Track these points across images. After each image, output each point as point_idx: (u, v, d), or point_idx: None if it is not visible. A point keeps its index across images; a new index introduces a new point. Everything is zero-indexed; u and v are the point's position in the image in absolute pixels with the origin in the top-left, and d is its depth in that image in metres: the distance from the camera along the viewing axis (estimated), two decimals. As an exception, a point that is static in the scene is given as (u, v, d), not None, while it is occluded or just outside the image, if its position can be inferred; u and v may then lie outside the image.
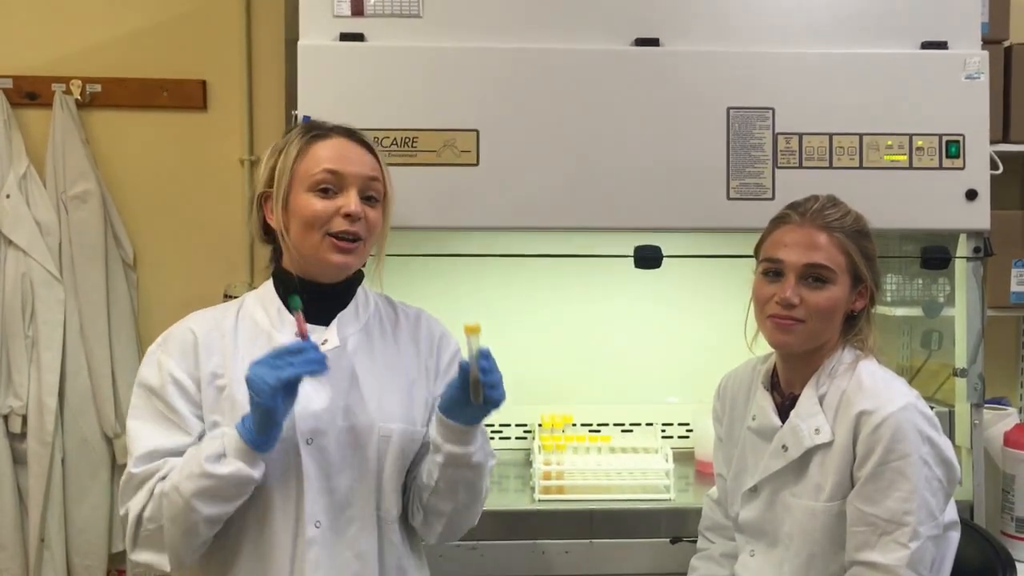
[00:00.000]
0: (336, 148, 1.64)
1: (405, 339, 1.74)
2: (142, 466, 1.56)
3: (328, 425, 1.60)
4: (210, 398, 1.60)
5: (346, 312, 1.69)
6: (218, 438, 1.53)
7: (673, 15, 2.26)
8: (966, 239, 2.30)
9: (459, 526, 1.71)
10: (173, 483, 1.52)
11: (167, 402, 1.59)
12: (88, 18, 2.95)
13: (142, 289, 3.02)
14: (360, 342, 1.68)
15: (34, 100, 2.92)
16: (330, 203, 1.60)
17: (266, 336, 1.64)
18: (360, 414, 1.62)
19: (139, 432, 1.59)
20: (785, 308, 1.70)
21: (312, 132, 1.66)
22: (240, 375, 1.54)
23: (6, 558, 2.84)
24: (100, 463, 2.91)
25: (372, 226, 1.64)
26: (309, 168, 1.62)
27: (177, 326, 1.68)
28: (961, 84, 2.26)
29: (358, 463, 1.62)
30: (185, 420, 1.59)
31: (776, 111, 2.24)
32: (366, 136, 1.70)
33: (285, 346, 1.50)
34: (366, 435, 1.62)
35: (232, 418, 1.55)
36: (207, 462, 1.49)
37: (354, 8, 2.22)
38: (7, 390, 2.84)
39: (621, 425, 2.74)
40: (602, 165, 2.22)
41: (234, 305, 1.72)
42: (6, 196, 2.83)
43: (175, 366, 1.61)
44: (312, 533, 1.58)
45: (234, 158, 3.01)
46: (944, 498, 1.66)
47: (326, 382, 1.60)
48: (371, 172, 1.65)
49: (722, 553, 1.94)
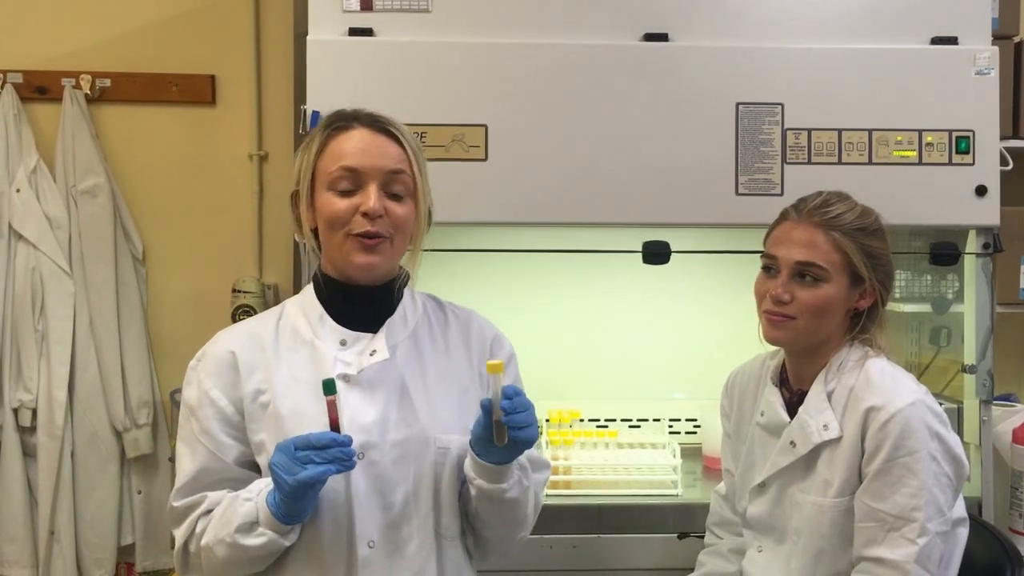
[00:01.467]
0: (355, 142, 1.53)
1: (456, 343, 1.65)
2: (181, 500, 1.53)
3: (379, 438, 1.50)
4: (255, 416, 1.53)
5: (394, 318, 1.59)
6: (252, 499, 1.46)
7: (682, 10, 2.25)
8: (976, 235, 2.30)
9: (503, 551, 1.65)
10: (208, 542, 1.48)
11: (202, 424, 1.53)
12: (97, 13, 2.96)
13: (151, 283, 3.03)
14: (409, 349, 1.59)
15: (44, 95, 2.93)
16: (350, 201, 1.51)
17: (308, 346, 1.56)
18: (413, 425, 1.53)
19: (181, 458, 1.55)
20: (777, 304, 1.70)
21: (334, 125, 1.56)
22: (283, 388, 1.51)
23: (16, 551, 2.86)
24: (109, 456, 2.92)
25: (399, 222, 1.53)
26: (327, 165, 1.53)
27: (215, 343, 1.60)
28: (971, 79, 2.25)
29: (414, 477, 1.53)
30: (219, 444, 1.53)
31: (785, 106, 2.24)
32: (394, 124, 1.57)
33: (312, 437, 1.40)
34: (422, 448, 1.53)
35: (278, 436, 1.48)
36: (238, 533, 1.44)
37: (363, 3, 2.23)
38: (17, 384, 2.85)
39: (629, 421, 2.73)
40: (610, 160, 2.22)
41: (273, 314, 1.64)
42: (16, 190, 2.84)
43: (212, 386, 1.54)
44: (365, 553, 1.49)
45: (243, 153, 3.02)
46: (953, 494, 1.66)
47: (375, 392, 1.53)
48: (395, 164, 1.53)
49: (730, 549, 1.94)
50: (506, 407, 1.43)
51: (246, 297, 2.90)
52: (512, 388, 1.45)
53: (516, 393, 1.45)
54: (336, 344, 1.56)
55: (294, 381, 1.53)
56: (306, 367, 1.54)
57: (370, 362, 1.53)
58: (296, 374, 1.54)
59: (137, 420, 2.93)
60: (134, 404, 2.92)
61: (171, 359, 3.02)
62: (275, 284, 3.03)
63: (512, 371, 1.69)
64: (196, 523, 1.52)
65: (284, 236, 2.95)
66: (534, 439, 1.49)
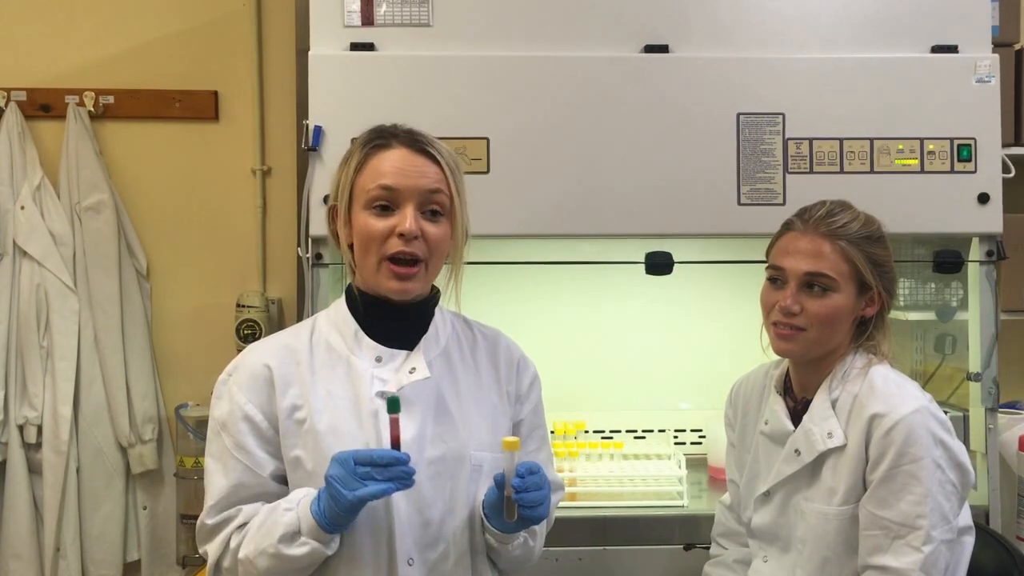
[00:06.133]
0: (394, 161, 1.53)
1: (484, 362, 1.66)
2: (214, 517, 1.52)
3: (417, 456, 1.48)
4: (291, 432, 1.52)
5: (427, 335, 1.60)
6: (293, 509, 1.46)
7: (682, 22, 2.26)
8: (979, 243, 2.30)
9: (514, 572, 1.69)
10: (247, 555, 1.47)
11: (236, 439, 1.52)
12: (101, 31, 2.97)
13: (155, 298, 3.03)
14: (442, 367, 1.59)
15: (48, 112, 2.94)
16: (387, 222, 1.50)
17: (344, 363, 1.56)
18: (451, 442, 1.54)
19: (212, 474, 1.54)
20: (786, 316, 1.70)
21: (374, 142, 1.56)
22: (320, 404, 1.51)
23: (22, 567, 2.85)
24: (115, 472, 2.92)
25: (434, 244, 1.53)
26: (365, 184, 1.52)
27: (248, 356, 1.58)
28: (972, 87, 2.26)
29: (451, 494, 1.54)
30: (255, 459, 1.52)
31: (786, 116, 2.25)
32: (433, 142, 1.57)
33: (376, 454, 1.41)
34: (458, 464, 1.54)
35: (315, 452, 1.49)
36: (281, 543, 1.44)
37: (364, 18, 2.24)
38: (22, 400, 2.85)
39: (634, 431, 2.73)
40: (612, 171, 2.23)
41: (305, 328, 1.63)
42: (20, 208, 2.84)
43: (246, 400, 1.53)
44: (405, 571, 1.50)
45: (246, 168, 3.02)
46: (958, 502, 1.65)
47: (413, 410, 1.52)
48: (432, 184, 1.53)
49: (735, 559, 1.93)
50: (516, 485, 1.45)
51: (250, 312, 2.90)
52: (527, 466, 1.47)
53: (530, 472, 1.47)
54: (372, 361, 1.56)
55: (331, 398, 1.53)
56: (343, 384, 1.55)
57: (411, 380, 1.53)
58: (333, 390, 1.54)
59: (142, 436, 2.93)
60: (139, 420, 2.92)
61: (176, 374, 3.03)
62: (279, 299, 3.03)
63: (536, 392, 1.71)
64: (230, 538, 1.51)
65: (288, 251, 2.95)
66: (543, 518, 1.52)
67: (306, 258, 2.22)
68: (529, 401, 1.69)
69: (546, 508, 1.51)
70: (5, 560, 2.86)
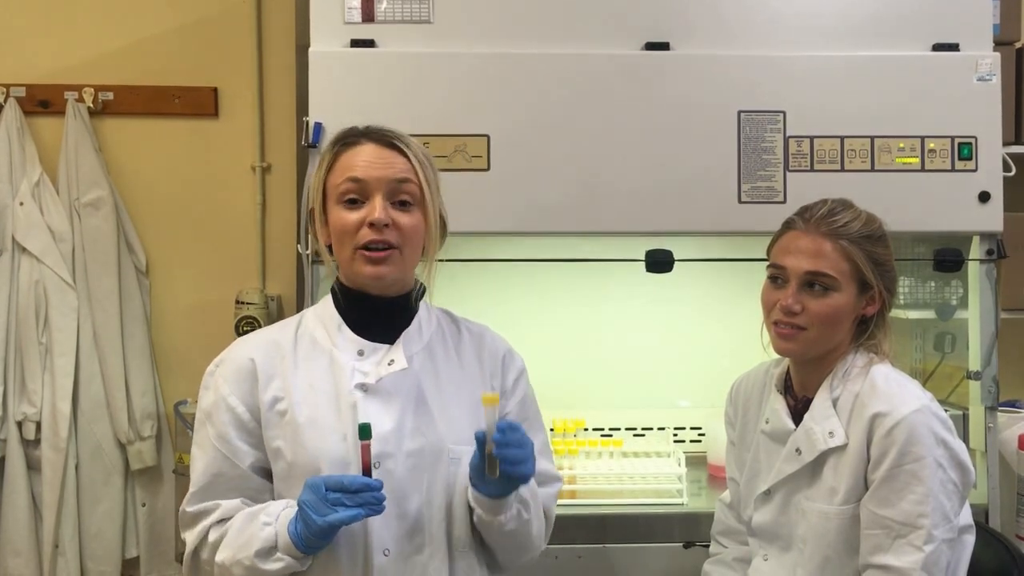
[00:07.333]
0: (363, 155, 1.56)
1: (469, 357, 1.67)
2: (194, 505, 1.56)
3: (395, 448, 1.53)
4: (272, 423, 1.55)
5: (409, 329, 1.62)
6: (272, 523, 1.48)
7: (683, 19, 2.26)
8: (979, 241, 2.30)
9: (517, 563, 1.67)
10: (224, 560, 1.50)
11: (219, 430, 1.55)
12: (100, 26, 2.97)
13: (154, 295, 3.03)
14: (424, 360, 1.61)
15: (47, 108, 2.93)
16: (358, 214, 1.53)
17: (327, 356, 1.59)
18: (429, 435, 1.56)
19: (195, 462, 1.58)
20: (787, 315, 1.69)
21: (342, 141, 1.60)
22: (301, 396, 1.53)
23: (21, 564, 2.85)
24: (114, 469, 2.92)
25: (407, 232, 1.55)
26: (336, 180, 1.56)
27: (234, 349, 1.62)
28: (973, 86, 2.26)
29: (428, 486, 1.55)
30: (235, 450, 1.55)
31: (787, 114, 2.24)
32: (401, 137, 1.60)
33: (346, 480, 1.44)
34: (436, 457, 1.56)
35: (295, 443, 1.52)
36: (257, 557, 1.47)
37: (365, 14, 2.23)
38: (21, 397, 2.85)
39: (633, 429, 2.73)
40: (613, 169, 2.22)
41: (292, 323, 1.66)
42: (20, 204, 2.84)
43: (230, 392, 1.56)
44: (380, 561, 1.52)
45: (246, 164, 3.02)
46: (959, 501, 1.65)
47: (392, 402, 1.55)
48: (400, 174, 1.56)
49: (735, 557, 1.93)
50: (497, 439, 1.45)
51: (249, 308, 2.90)
52: (507, 423, 1.47)
53: (511, 428, 1.47)
54: (353, 354, 1.59)
55: (312, 390, 1.56)
56: (324, 376, 1.57)
57: (388, 371, 1.55)
58: (314, 383, 1.57)
59: (141, 432, 2.93)
60: (138, 416, 2.92)
61: (175, 371, 3.03)
62: (278, 295, 3.03)
63: (522, 386, 1.71)
64: (208, 531, 1.54)
65: (287, 247, 2.95)
66: (528, 475, 1.51)
67: (306, 255, 2.22)
68: (515, 396, 1.69)
69: (530, 466, 1.50)
70: (4, 557, 2.86)
